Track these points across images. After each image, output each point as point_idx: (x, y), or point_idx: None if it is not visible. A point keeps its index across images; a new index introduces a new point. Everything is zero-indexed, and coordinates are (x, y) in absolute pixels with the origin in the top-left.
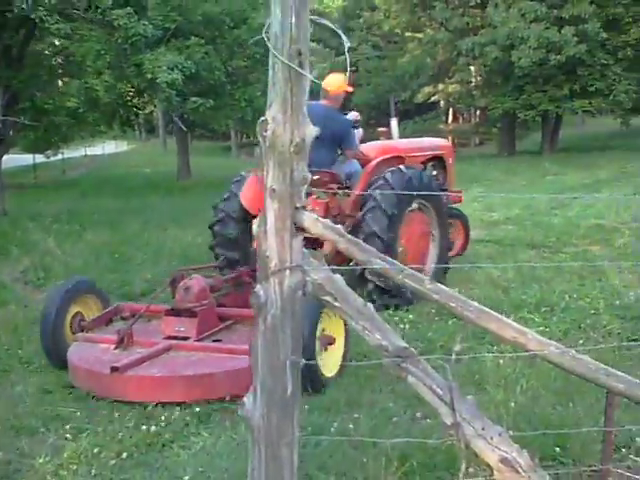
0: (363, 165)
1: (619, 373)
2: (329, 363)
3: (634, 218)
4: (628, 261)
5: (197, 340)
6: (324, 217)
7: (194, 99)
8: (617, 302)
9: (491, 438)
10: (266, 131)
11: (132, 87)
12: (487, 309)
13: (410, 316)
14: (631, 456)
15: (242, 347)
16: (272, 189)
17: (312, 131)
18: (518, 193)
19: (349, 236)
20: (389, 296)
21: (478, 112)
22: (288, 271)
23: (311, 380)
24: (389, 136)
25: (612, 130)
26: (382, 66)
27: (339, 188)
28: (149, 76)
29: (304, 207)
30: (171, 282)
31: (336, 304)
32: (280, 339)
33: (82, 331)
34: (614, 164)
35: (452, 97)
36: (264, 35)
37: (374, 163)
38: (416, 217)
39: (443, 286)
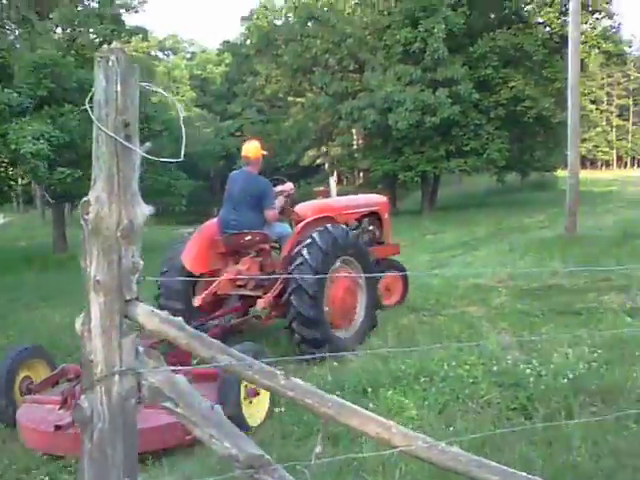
0: (292, 225)
1: (492, 464)
2: (255, 414)
3: None
4: (505, 321)
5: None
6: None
7: (61, 169)
8: (495, 368)
9: None
10: (88, 213)
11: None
12: (347, 403)
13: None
14: None
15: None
16: (96, 280)
17: (144, 210)
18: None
19: (191, 330)
20: (316, 347)
21: (361, 174)
22: (117, 376)
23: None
24: (327, 195)
25: (488, 187)
26: (266, 130)
27: (271, 247)
28: (13, 147)
29: (137, 299)
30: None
31: (178, 410)
32: (110, 458)
33: (30, 393)
34: (491, 220)
35: (335, 160)
36: (86, 105)
37: (303, 224)
38: (343, 273)
39: (299, 381)
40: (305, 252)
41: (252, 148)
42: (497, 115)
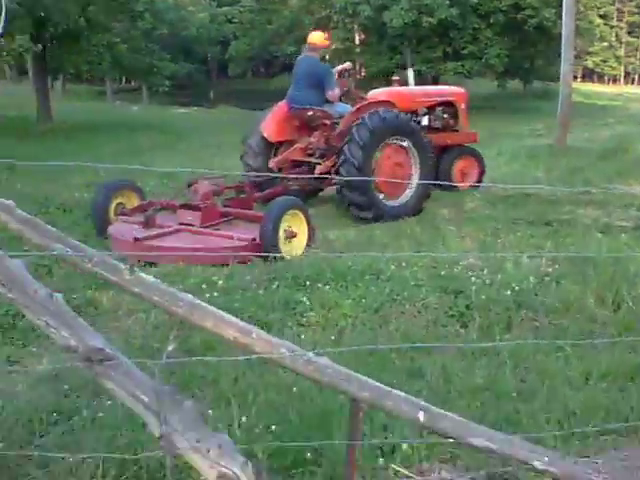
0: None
1: (363, 379)
2: (292, 249)
3: None
4: (471, 226)
5: (200, 227)
6: (323, 145)
7: None
8: (443, 272)
9: (208, 451)
10: None
11: None
12: (202, 304)
13: (232, 282)
14: (393, 465)
15: (227, 233)
16: None
17: None
18: None
19: (25, 216)
20: (362, 210)
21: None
22: None
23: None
24: (402, 83)
25: (490, 92)
26: (260, 19)
27: (332, 124)
28: None
29: None
30: (188, 185)
31: (10, 295)
32: None
33: (123, 215)
34: (488, 125)
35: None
36: None
37: (360, 105)
38: (394, 151)
39: (146, 276)
40: (354, 130)
41: (317, 36)
42: (497, 21)
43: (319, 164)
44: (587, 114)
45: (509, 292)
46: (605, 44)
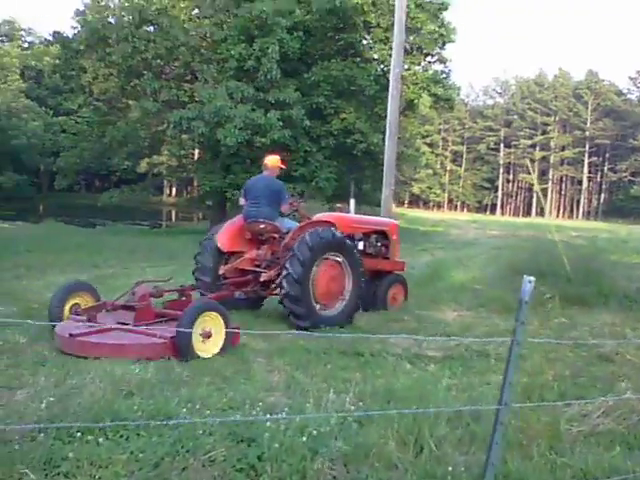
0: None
1: None
2: (208, 349)
3: None
4: (283, 358)
5: (133, 326)
6: (269, 256)
7: None
8: (238, 416)
9: None
10: None
11: None
12: None
13: None
14: None
15: (152, 331)
16: None
17: None
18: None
19: None
20: (301, 320)
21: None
22: None
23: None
24: (344, 211)
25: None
26: (94, 131)
27: (280, 237)
28: None
29: None
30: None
31: None
32: None
33: (77, 315)
34: None
35: (166, 170)
36: None
37: (304, 223)
38: (330, 266)
39: None
40: (296, 246)
41: (272, 159)
42: (328, 144)
43: (264, 273)
44: (409, 240)
45: (305, 438)
46: (430, 171)
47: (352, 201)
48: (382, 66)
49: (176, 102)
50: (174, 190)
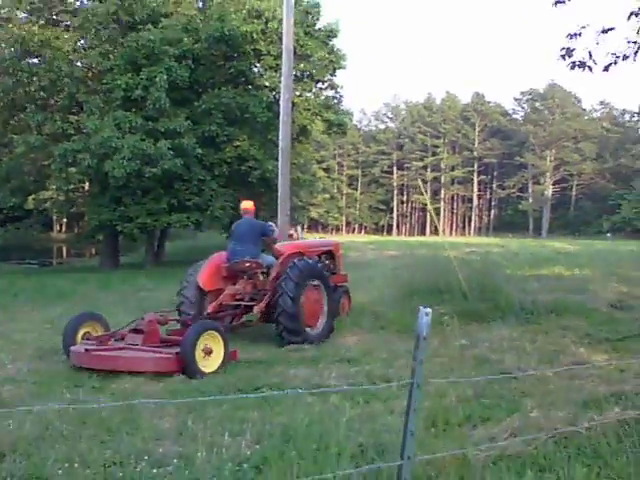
0: (277, 258)
1: None
2: (210, 365)
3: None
4: (177, 400)
5: (141, 346)
6: (253, 291)
7: None
8: (120, 474)
9: None
10: None
11: None
12: None
13: None
14: None
15: (158, 349)
16: None
17: None
18: (104, 311)
19: None
20: (294, 335)
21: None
22: None
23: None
24: (295, 238)
25: (221, 243)
26: None
27: (262, 272)
28: None
29: None
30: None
31: None
32: None
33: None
34: None
35: (53, 205)
36: None
37: (285, 256)
38: (312, 291)
39: None
40: (289, 271)
41: (249, 203)
42: (222, 172)
43: (254, 305)
44: None
45: None
46: (327, 195)
47: (299, 228)
48: (274, 93)
49: (62, 135)
50: (64, 226)
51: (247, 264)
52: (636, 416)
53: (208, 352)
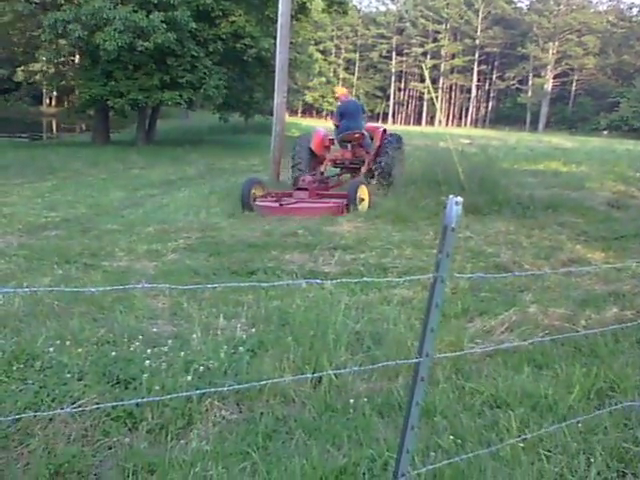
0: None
1: None
2: (363, 207)
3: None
4: (169, 281)
5: (307, 199)
6: (352, 158)
7: None
8: (114, 353)
9: None
10: None
11: None
12: None
13: None
14: None
15: (332, 201)
16: None
17: None
18: (95, 188)
19: None
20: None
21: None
22: None
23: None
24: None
25: (213, 125)
26: None
27: (365, 142)
28: None
29: None
30: (295, 180)
31: None
32: None
33: (254, 200)
34: (206, 160)
35: (43, 77)
36: None
37: (382, 132)
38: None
39: None
40: (387, 143)
41: (343, 89)
42: (216, 49)
43: (358, 168)
44: None
45: (190, 377)
46: (323, 79)
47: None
48: None
49: (51, 4)
50: (54, 100)
51: (357, 134)
52: (633, 316)
53: (361, 200)
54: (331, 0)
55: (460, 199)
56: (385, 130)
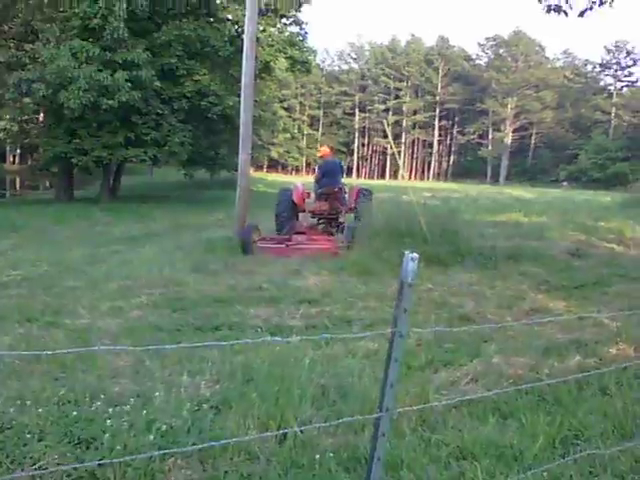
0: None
1: None
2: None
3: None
4: (131, 338)
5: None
6: (329, 209)
7: None
8: (74, 413)
9: None
10: None
11: None
12: None
13: None
14: None
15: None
16: None
17: None
18: (58, 246)
19: None
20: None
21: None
22: None
23: None
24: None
25: (178, 181)
26: None
27: (341, 196)
28: None
29: None
30: (279, 227)
31: None
32: None
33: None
34: (171, 215)
35: (6, 135)
36: None
37: (356, 189)
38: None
39: None
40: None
41: (327, 148)
42: (181, 107)
43: (334, 219)
44: (269, 203)
45: (152, 436)
46: (288, 135)
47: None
48: (236, 27)
49: (16, 63)
50: (17, 157)
51: (335, 189)
52: (595, 364)
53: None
54: (294, 60)
55: (415, 255)
56: (360, 189)
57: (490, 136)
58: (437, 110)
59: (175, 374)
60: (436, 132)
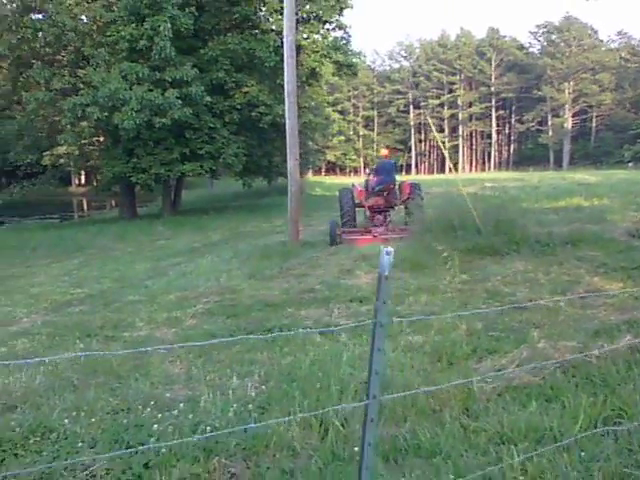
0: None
1: None
2: None
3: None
4: (186, 348)
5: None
6: (386, 204)
7: None
8: (124, 421)
9: None
10: None
11: None
12: None
13: None
14: None
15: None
16: None
17: None
18: (121, 262)
19: None
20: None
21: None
22: None
23: None
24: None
25: (237, 191)
26: None
27: (395, 192)
28: None
29: None
30: (344, 224)
31: None
32: None
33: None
34: (230, 225)
35: (69, 159)
36: None
37: (409, 183)
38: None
39: None
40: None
41: (386, 150)
42: (232, 119)
43: (391, 209)
44: (328, 206)
45: (198, 436)
46: (343, 138)
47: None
48: (280, 37)
49: (70, 89)
50: (82, 179)
51: (392, 185)
52: None
53: None
54: (340, 63)
55: (391, 249)
56: (412, 184)
57: (549, 122)
58: (493, 100)
59: (225, 377)
60: (494, 122)
